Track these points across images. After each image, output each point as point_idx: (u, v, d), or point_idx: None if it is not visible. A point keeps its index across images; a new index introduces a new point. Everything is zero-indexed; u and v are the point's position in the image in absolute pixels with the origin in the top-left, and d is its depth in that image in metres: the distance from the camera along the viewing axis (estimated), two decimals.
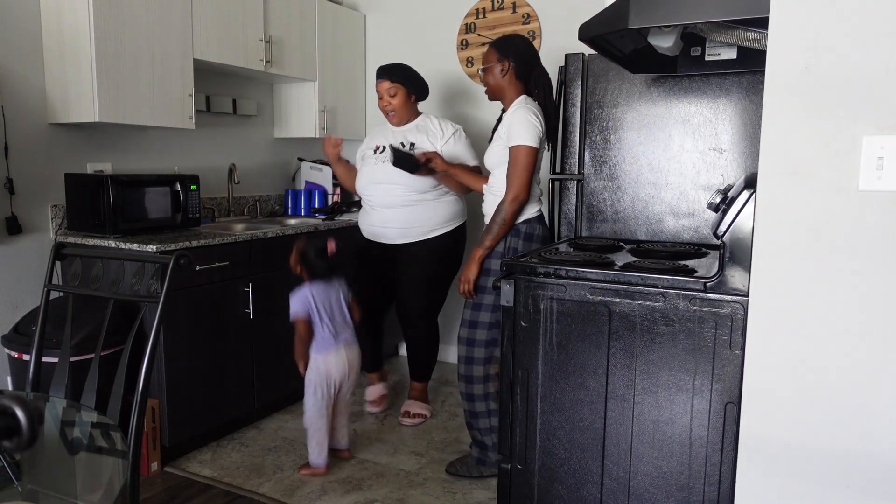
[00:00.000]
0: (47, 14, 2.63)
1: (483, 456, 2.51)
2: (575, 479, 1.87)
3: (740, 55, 2.21)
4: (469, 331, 2.44)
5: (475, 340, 2.43)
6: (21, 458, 1.15)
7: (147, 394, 1.40)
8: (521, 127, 2.33)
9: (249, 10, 3.19)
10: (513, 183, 2.33)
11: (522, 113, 2.35)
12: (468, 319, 2.44)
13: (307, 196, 3.78)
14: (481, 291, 2.42)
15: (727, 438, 1.66)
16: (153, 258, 1.69)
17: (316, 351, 2.51)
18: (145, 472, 2.51)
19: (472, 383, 2.44)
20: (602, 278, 1.77)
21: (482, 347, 2.42)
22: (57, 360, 1.60)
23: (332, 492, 2.43)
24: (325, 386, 2.49)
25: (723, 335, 1.63)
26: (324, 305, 2.50)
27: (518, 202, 2.34)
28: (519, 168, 2.33)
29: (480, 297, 2.42)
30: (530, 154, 2.32)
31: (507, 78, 2.46)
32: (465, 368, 2.45)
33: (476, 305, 2.43)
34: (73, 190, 2.69)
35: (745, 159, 2.30)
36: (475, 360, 2.43)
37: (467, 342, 2.44)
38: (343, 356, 2.51)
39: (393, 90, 2.93)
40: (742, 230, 1.60)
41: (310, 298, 2.48)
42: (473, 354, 2.43)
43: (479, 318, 2.42)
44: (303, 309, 2.47)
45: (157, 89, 2.78)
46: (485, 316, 2.42)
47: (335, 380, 2.50)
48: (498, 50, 2.48)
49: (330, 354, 2.49)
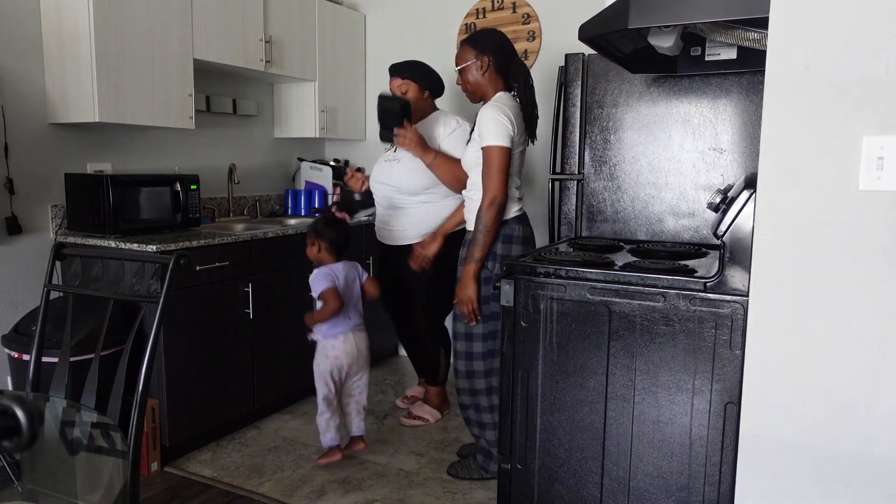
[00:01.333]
0: (47, 14, 2.63)
1: (486, 464, 2.49)
2: (575, 479, 1.87)
3: (740, 55, 2.21)
4: (466, 343, 2.38)
5: (473, 353, 2.38)
6: (21, 458, 1.15)
7: (147, 394, 1.40)
8: (489, 126, 2.23)
9: (249, 10, 3.19)
10: (488, 187, 2.24)
11: (489, 112, 2.25)
12: (462, 332, 2.38)
13: (307, 196, 3.78)
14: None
15: (727, 438, 1.66)
16: (153, 258, 1.69)
17: (324, 336, 2.52)
18: (145, 472, 2.51)
19: (477, 395, 2.40)
20: (602, 278, 1.77)
21: (480, 360, 2.37)
22: (57, 360, 1.60)
23: (331, 492, 2.43)
24: (335, 370, 2.52)
25: (723, 335, 1.63)
26: (345, 284, 2.52)
27: (496, 205, 2.23)
28: (493, 170, 2.23)
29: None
30: (502, 154, 2.22)
31: (486, 75, 2.36)
32: (468, 382, 2.41)
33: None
34: (73, 190, 2.69)
35: (745, 159, 2.30)
36: (475, 373, 2.39)
37: (465, 356, 2.38)
38: (351, 341, 2.53)
39: (404, 87, 2.86)
40: (742, 230, 1.60)
41: (333, 273, 2.50)
42: (473, 368, 2.39)
43: (474, 331, 2.36)
44: (329, 282, 2.48)
45: (157, 89, 2.78)
46: (478, 328, 2.36)
47: (344, 364, 2.52)
48: (473, 46, 2.37)
49: (338, 339, 2.51)
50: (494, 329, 2.35)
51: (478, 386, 2.40)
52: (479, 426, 2.45)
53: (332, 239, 2.56)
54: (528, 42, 3.56)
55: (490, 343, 2.37)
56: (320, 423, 2.56)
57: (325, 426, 2.55)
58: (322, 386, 2.54)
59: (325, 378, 2.53)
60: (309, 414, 3.15)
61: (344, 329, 2.52)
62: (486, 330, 2.36)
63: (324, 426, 2.55)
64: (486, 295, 2.32)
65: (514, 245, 2.33)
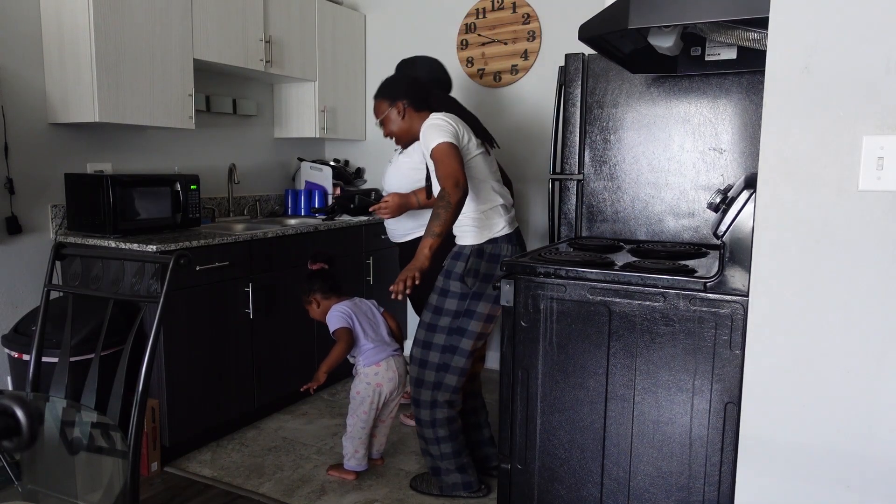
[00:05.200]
0: (47, 14, 2.63)
1: (438, 481, 2.38)
2: (575, 479, 1.87)
3: (740, 55, 2.21)
4: (422, 351, 2.28)
5: (427, 363, 2.27)
6: (21, 458, 1.15)
7: (147, 394, 1.40)
8: (427, 133, 2.14)
9: (249, 10, 3.19)
10: (445, 174, 2.06)
11: (426, 124, 2.17)
12: (421, 339, 2.28)
13: (307, 196, 3.78)
14: (438, 312, 2.26)
15: (727, 438, 1.66)
16: (153, 258, 1.69)
17: (364, 364, 2.49)
18: (145, 472, 2.51)
19: (420, 407, 2.30)
20: (602, 278, 1.77)
21: (433, 371, 2.27)
22: (57, 360, 1.60)
23: (331, 492, 2.43)
24: (377, 397, 2.48)
25: (723, 335, 1.63)
26: (360, 319, 2.51)
27: (461, 188, 2.05)
28: (444, 160, 2.07)
29: (436, 317, 2.26)
30: (449, 147, 2.09)
31: (407, 118, 2.33)
32: (415, 391, 2.31)
33: (431, 326, 2.27)
34: (73, 190, 2.69)
35: (745, 159, 2.30)
36: (425, 383, 2.28)
37: (420, 363, 2.28)
38: (393, 367, 2.49)
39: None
40: (742, 230, 1.60)
41: (347, 312, 2.50)
42: (424, 377, 2.28)
43: (434, 340, 2.26)
44: (342, 322, 2.48)
45: (157, 89, 2.78)
46: (439, 338, 2.26)
47: (385, 392, 2.49)
48: (385, 97, 2.35)
49: (381, 366, 2.48)
50: (455, 344, 2.25)
51: (423, 397, 2.29)
52: (422, 440, 2.35)
53: (320, 288, 2.57)
54: (528, 42, 3.56)
55: (448, 356, 2.26)
56: (347, 447, 2.50)
57: (354, 451, 2.50)
58: (361, 414, 2.48)
59: (364, 406, 2.47)
60: (309, 414, 3.15)
61: (385, 355, 2.49)
62: (447, 343, 2.26)
63: (351, 451, 2.50)
64: (459, 311, 2.23)
65: (498, 266, 2.19)
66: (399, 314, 3.94)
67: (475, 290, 2.22)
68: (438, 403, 2.28)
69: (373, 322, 2.56)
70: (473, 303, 2.23)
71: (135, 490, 1.29)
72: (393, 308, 3.15)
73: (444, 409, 2.29)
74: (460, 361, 2.27)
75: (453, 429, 2.31)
